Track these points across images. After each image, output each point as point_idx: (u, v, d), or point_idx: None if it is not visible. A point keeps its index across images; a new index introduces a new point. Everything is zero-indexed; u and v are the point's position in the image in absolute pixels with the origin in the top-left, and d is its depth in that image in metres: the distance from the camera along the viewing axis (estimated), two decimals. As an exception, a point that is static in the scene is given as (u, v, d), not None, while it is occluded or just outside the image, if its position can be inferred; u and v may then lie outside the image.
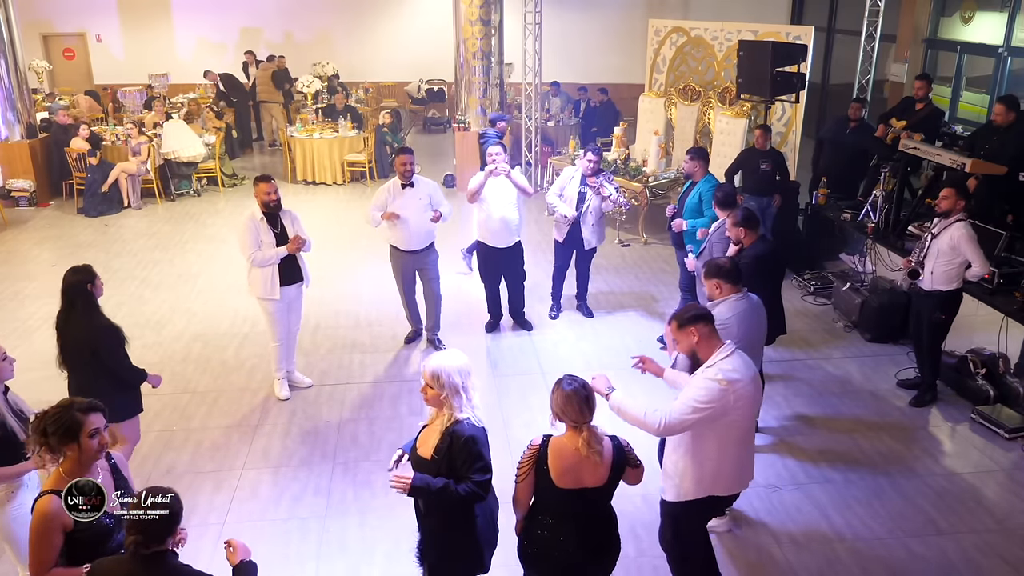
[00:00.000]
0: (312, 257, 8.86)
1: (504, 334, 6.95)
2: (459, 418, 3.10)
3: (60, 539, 2.78)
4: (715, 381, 3.33)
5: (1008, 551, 4.33)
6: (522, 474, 3.11)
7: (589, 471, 3.05)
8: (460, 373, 3.10)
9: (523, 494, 3.15)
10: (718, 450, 3.43)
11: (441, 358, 3.13)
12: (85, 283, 4.24)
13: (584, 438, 3.01)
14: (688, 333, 3.46)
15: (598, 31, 16.17)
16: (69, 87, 15.84)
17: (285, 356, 5.89)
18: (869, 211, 7.22)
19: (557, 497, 3.07)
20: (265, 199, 5.44)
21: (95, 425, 2.85)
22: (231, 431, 5.51)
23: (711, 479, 3.49)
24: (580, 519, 3.13)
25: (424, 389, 3.15)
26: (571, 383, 3.05)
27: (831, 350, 6.66)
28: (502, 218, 6.52)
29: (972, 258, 5.23)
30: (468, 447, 3.05)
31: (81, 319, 4.24)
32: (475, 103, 11.60)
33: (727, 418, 3.35)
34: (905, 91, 11.22)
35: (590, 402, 3.05)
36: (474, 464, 3.06)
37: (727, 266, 4.23)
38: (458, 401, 3.10)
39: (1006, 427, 5.37)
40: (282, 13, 16.69)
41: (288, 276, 5.64)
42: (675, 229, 6.48)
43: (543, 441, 3.10)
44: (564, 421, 3.07)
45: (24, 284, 8.19)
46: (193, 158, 11.32)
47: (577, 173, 6.73)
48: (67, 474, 2.84)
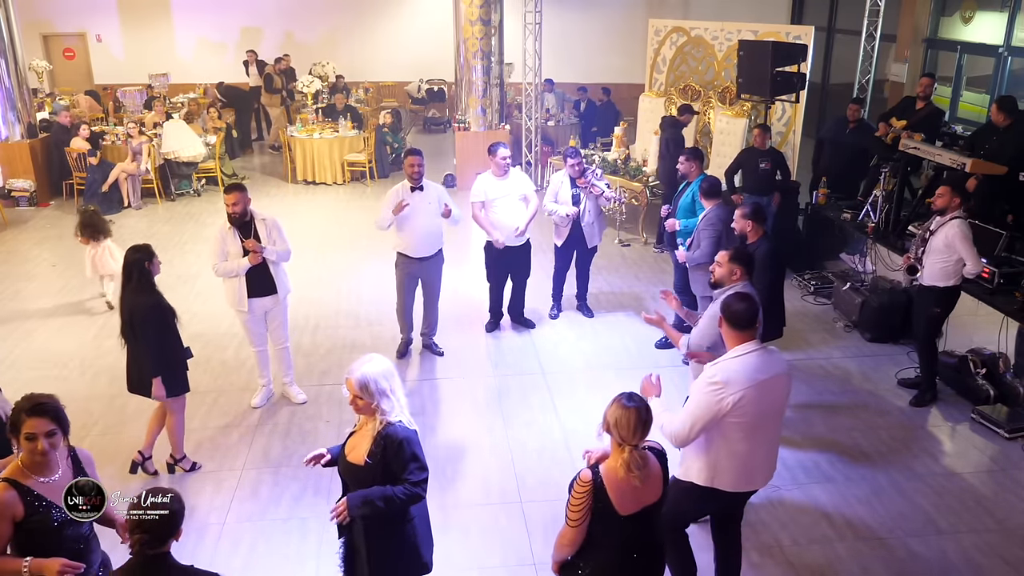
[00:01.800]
0: (312, 257, 8.95)
1: (504, 334, 6.95)
2: (391, 421, 3.07)
3: (9, 528, 2.78)
4: (711, 384, 3.31)
5: (1008, 551, 4.33)
6: (580, 516, 2.83)
7: (649, 487, 2.87)
8: (385, 377, 3.07)
9: (580, 536, 2.89)
10: (721, 446, 3.41)
11: (364, 367, 3.07)
12: (143, 261, 4.54)
13: (624, 459, 2.81)
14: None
15: (598, 31, 16.17)
16: (69, 87, 15.84)
17: (264, 363, 5.77)
18: (869, 211, 7.22)
19: (620, 527, 2.86)
20: (229, 211, 5.30)
21: (31, 429, 2.80)
22: (231, 431, 5.52)
23: (710, 471, 3.47)
24: (646, 547, 2.95)
25: (353, 401, 3.09)
26: (632, 400, 2.83)
27: (831, 350, 6.66)
28: (510, 220, 6.49)
29: (965, 256, 5.26)
30: (403, 449, 3.03)
31: (131, 294, 4.56)
32: (475, 103, 11.59)
33: (726, 419, 3.33)
34: (905, 91, 11.23)
35: (647, 425, 2.83)
36: (410, 465, 3.04)
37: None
38: (388, 404, 3.07)
39: (1006, 427, 5.37)
40: (282, 13, 16.68)
41: (259, 288, 5.43)
42: (668, 229, 6.51)
43: (594, 472, 2.85)
44: (612, 435, 2.86)
45: (24, 284, 8.19)
46: (193, 158, 11.32)
47: (566, 177, 6.75)
48: (24, 465, 2.86)
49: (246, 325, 5.62)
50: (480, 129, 11.56)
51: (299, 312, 7.39)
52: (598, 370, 6.31)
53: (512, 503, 4.74)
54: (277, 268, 5.49)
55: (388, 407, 3.07)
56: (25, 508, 2.79)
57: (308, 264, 8.61)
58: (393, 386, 3.09)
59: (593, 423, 3.45)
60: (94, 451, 5.44)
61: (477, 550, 4.34)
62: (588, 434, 5.29)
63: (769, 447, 3.57)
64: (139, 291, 4.54)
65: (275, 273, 5.48)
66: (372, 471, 3.06)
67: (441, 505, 4.65)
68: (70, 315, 7.38)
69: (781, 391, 3.48)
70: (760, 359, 3.36)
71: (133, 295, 4.56)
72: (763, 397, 3.35)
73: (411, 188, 6.04)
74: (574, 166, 6.66)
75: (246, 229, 5.36)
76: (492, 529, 4.50)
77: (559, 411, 5.70)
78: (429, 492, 3.21)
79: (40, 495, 2.83)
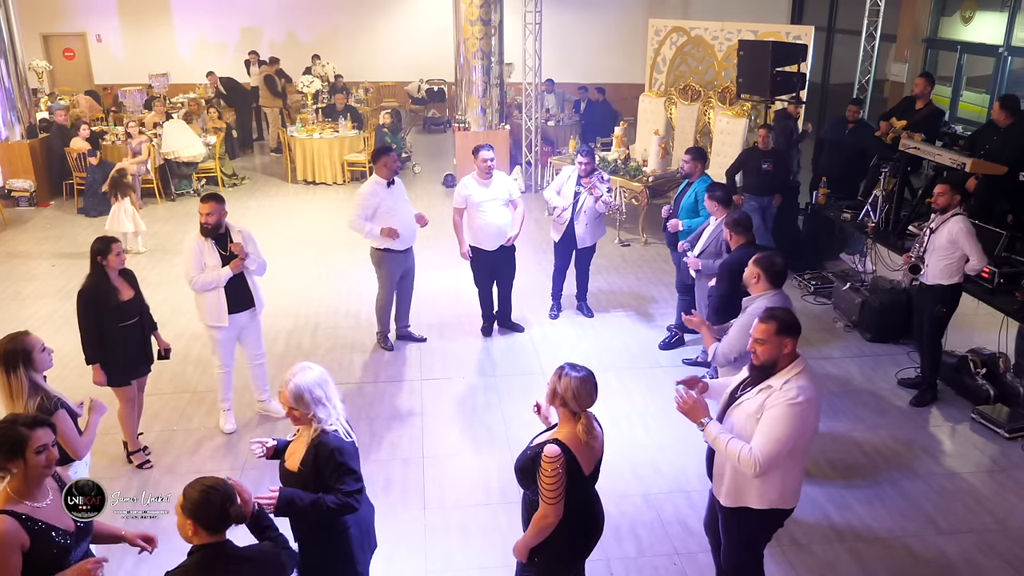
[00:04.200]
0: (312, 257, 8.95)
1: (504, 335, 6.95)
2: (326, 429, 3.02)
3: (19, 559, 2.67)
4: (795, 405, 3.07)
5: (1008, 551, 4.33)
6: (559, 492, 2.95)
7: (598, 444, 3.14)
8: (320, 385, 3.02)
9: (561, 510, 3.00)
10: (790, 465, 3.24)
11: (297, 378, 3.01)
12: (97, 253, 4.69)
13: (584, 424, 3.01)
14: (782, 343, 3.14)
15: (598, 31, 16.17)
16: (69, 87, 15.84)
17: (229, 384, 5.45)
18: (869, 211, 7.21)
19: (588, 486, 3.11)
20: (202, 221, 5.06)
21: (42, 441, 2.73)
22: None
23: (777, 492, 3.27)
24: (596, 501, 3.25)
25: (289, 413, 3.06)
26: (579, 369, 3.05)
27: (831, 350, 6.66)
28: (495, 222, 6.48)
29: (970, 252, 5.26)
30: (333, 458, 2.98)
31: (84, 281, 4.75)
32: (475, 103, 11.59)
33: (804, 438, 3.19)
34: (905, 91, 11.22)
35: (597, 387, 3.08)
36: (343, 476, 2.99)
37: (779, 267, 4.12)
38: (324, 412, 3.02)
39: (1006, 427, 5.37)
40: (282, 13, 16.68)
41: (238, 302, 5.19)
42: (671, 229, 6.51)
43: (559, 446, 2.98)
44: (566, 408, 3.03)
45: (24, 284, 8.19)
46: (193, 158, 11.32)
47: (574, 173, 6.77)
48: (15, 492, 2.74)
49: (220, 343, 5.28)
50: (480, 129, 11.56)
51: (299, 312, 7.40)
52: (598, 371, 6.15)
53: (512, 503, 4.72)
54: (252, 280, 5.30)
55: (324, 415, 3.02)
56: (29, 536, 2.69)
57: (308, 264, 8.62)
58: (328, 393, 3.04)
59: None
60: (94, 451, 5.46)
61: (477, 550, 4.34)
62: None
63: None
64: (87, 278, 4.74)
65: (252, 286, 5.29)
66: (304, 478, 3.03)
67: (441, 505, 4.65)
68: (70, 315, 7.30)
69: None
70: (811, 371, 3.23)
71: (85, 283, 4.74)
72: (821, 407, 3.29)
73: (387, 184, 6.16)
74: (583, 164, 6.67)
75: (220, 241, 5.15)
76: (492, 529, 4.50)
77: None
78: (429, 491, 3.21)
79: (39, 520, 2.74)
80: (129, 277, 4.91)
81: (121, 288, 4.81)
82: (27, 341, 3.58)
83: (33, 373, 3.55)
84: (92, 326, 4.75)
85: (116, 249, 4.71)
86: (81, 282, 4.79)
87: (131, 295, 4.86)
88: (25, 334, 3.62)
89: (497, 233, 6.52)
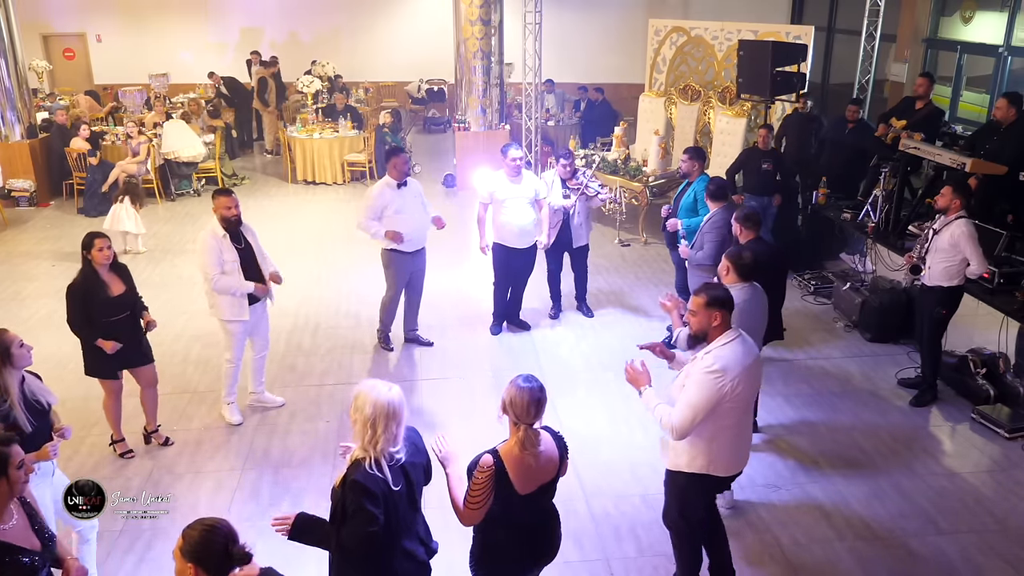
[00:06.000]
0: (313, 257, 8.94)
1: (505, 334, 6.95)
2: (359, 457, 2.79)
3: None
4: (709, 373, 3.35)
5: (1008, 551, 4.33)
6: (481, 501, 2.95)
7: (544, 465, 3.03)
8: (375, 406, 2.78)
9: (479, 517, 3.01)
10: (712, 433, 3.47)
11: (371, 385, 2.87)
12: (83, 248, 4.83)
13: (520, 437, 2.95)
14: (711, 315, 3.43)
15: (598, 31, 16.15)
16: (69, 87, 15.84)
17: (236, 378, 5.50)
18: (869, 211, 7.21)
19: (518, 506, 3.02)
20: (225, 214, 5.03)
21: (20, 455, 2.69)
22: (231, 431, 5.51)
23: (705, 458, 3.53)
24: (539, 525, 3.14)
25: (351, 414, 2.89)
26: (529, 381, 2.99)
27: (831, 350, 6.66)
28: (517, 221, 6.45)
29: (971, 256, 5.25)
30: (352, 491, 2.76)
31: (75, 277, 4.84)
32: (475, 103, 11.59)
33: (723, 405, 3.39)
34: (905, 91, 11.21)
35: (541, 405, 2.98)
36: (355, 514, 2.74)
37: (746, 260, 4.32)
38: (365, 437, 2.78)
39: (1006, 427, 5.37)
40: (282, 13, 16.66)
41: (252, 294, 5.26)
42: (670, 228, 6.52)
43: (495, 457, 2.98)
44: (508, 415, 3.01)
45: (24, 284, 8.19)
46: (193, 158, 11.32)
47: (557, 177, 6.79)
48: None
49: (235, 336, 5.30)
50: (480, 129, 11.56)
51: (299, 312, 7.40)
52: (598, 370, 6.30)
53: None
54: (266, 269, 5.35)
55: (363, 438, 2.81)
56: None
57: (308, 263, 8.62)
58: (379, 421, 2.79)
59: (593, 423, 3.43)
60: (94, 452, 5.50)
61: (477, 550, 4.33)
62: (588, 434, 5.30)
63: (749, 429, 3.78)
64: (78, 273, 4.85)
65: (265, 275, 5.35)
66: (336, 497, 2.89)
67: (441, 505, 4.64)
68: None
69: (759, 375, 3.66)
70: (742, 346, 3.47)
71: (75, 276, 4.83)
72: (751, 381, 3.49)
73: (397, 185, 6.10)
74: (565, 167, 6.74)
75: (235, 237, 5.13)
76: (492, 529, 4.49)
77: (559, 411, 5.69)
78: (429, 492, 3.19)
79: (6, 543, 2.65)
80: (122, 272, 4.92)
81: (111, 283, 4.83)
82: (4, 338, 3.58)
83: (12, 370, 3.56)
84: (79, 317, 4.79)
85: (99, 244, 4.74)
86: None
87: (122, 290, 4.86)
88: (2, 331, 3.62)
89: (519, 231, 6.47)
